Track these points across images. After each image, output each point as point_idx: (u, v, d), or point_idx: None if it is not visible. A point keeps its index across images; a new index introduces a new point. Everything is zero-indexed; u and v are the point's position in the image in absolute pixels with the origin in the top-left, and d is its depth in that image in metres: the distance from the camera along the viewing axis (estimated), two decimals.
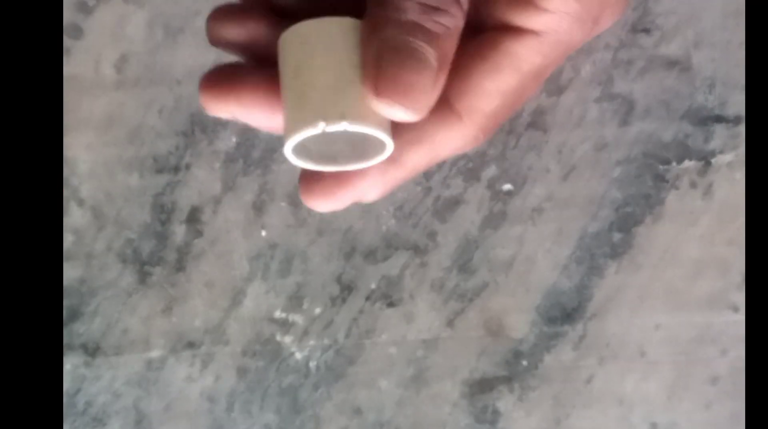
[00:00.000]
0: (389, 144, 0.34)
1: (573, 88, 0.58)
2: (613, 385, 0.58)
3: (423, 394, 0.58)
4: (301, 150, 0.35)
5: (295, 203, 0.58)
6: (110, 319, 0.58)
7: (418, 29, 0.33)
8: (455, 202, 0.58)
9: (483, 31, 0.36)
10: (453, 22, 0.33)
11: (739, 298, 0.58)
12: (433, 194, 0.58)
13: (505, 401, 0.58)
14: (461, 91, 0.36)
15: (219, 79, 0.36)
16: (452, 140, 0.36)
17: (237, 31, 0.37)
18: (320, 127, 0.32)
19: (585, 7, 0.36)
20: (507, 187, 0.58)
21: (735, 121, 0.58)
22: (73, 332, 0.58)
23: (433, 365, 0.58)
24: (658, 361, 0.58)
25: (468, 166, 0.58)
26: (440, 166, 0.58)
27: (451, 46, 0.34)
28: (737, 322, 0.58)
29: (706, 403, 0.58)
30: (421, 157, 0.36)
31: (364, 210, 0.58)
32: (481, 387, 0.58)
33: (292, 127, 0.33)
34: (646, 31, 0.58)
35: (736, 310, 0.58)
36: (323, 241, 0.58)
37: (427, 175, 0.58)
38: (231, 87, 0.36)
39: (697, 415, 0.58)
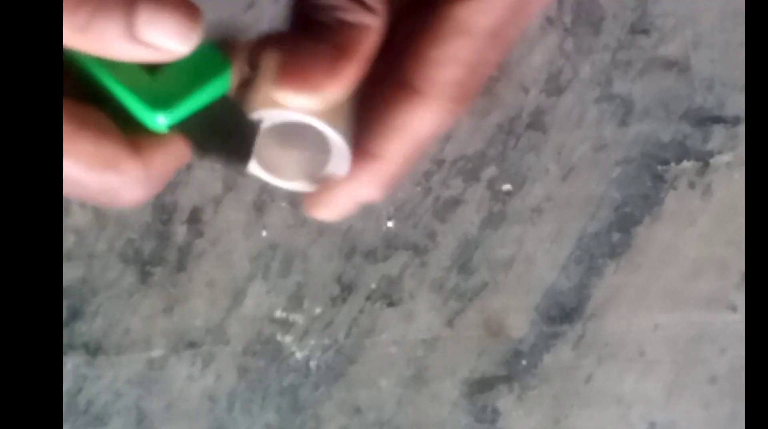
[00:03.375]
0: (318, 125, 0.35)
1: (572, 88, 0.58)
2: (612, 384, 0.58)
3: (423, 394, 0.58)
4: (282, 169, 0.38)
5: (296, 203, 0.58)
6: (111, 318, 0.58)
7: (311, 24, 0.35)
8: (455, 202, 0.58)
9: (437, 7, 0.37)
10: (353, 17, 0.35)
11: (738, 297, 0.58)
12: (433, 194, 0.58)
13: (504, 400, 0.58)
14: (416, 68, 0.36)
15: None
16: (423, 119, 0.36)
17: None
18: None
19: None
20: (506, 187, 0.58)
21: (733, 121, 0.58)
22: (75, 332, 0.58)
23: (432, 365, 0.58)
24: (657, 361, 0.58)
25: (468, 166, 0.58)
26: (440, 166, 0.58)
27: (351, 37, 0.35)
28: (736, 321, 0.58)
29: (705, 402, 0.58)
30: (402, 145, 0.37)
31: (364, 210, 0.58)
32: (480, 386, 0.58)
33: None
34: (645, 32, 0.58)
35: (734, 309, 0.58)
36: (323, 241, 0.58)
37: (427, 175, 0.58)
38: None
39: (696, 414, 0.58)
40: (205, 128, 0.34)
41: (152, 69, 0.33)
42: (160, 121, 0.32)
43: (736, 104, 0.58)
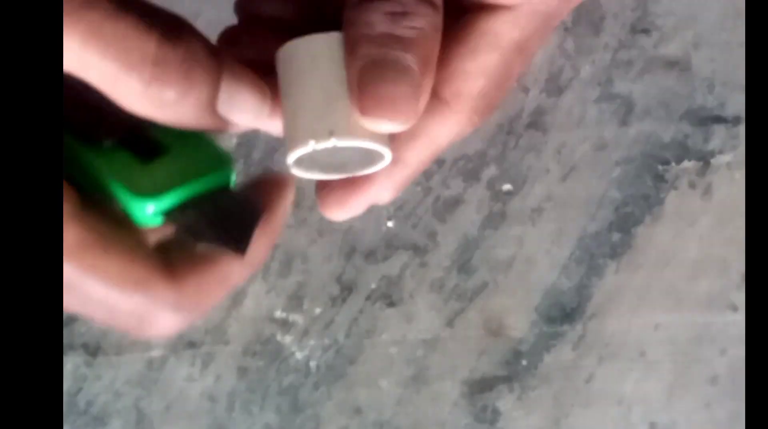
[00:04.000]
0: (385, 153, 0.34)
1: (572, 88, 0.58)
2: (612, 384, 0.58)
3: (423, 394, 0.58)
4: (308, 161, 0.35)
5: (296, 203, 0.58)
6: None
7: (391, 39, 0.32)
8: (455, 202, 0.58)
9: (463, 15, 0.36)
10: (425, 21, 0.33)
11: (738, 297, 0.58)
12: (433, 194, 0.58)
13: (504, 401, 0.58)
14: (444, 78, 0.35)
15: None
16: (447, 128, 0.36)
17: (247, 52, 0.37)
18: (311, 146, 0.33)
19: None
20: (507, 187, 0.58)
21: (734, 121, 0.58)
22: (74, 332, 0.58)
23: (433, 365, 0.58)
24: (658, 361, 0.58)
25: (468, 166, 0.58)
26: (440, 166, 0.58)
27: (430, 45, 0.33)
28: (736, 321, 0.58)
29: (706, 402, 0.58)
30: (422, 152, 0.36)
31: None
32: (480, 386, 0.58)
33: (289, 145, 0.34)
34: (646, 31, 0.58)
35: (735, 309, 0.58)
36: (323, 241, 0.58)
37: (427, 175, 0.58)
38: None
39: (697, 414, 0.58)
40: (202, 217, 0.32)
41: (146, 158, 0.32)
42: (148, 209, 0.31)
43: (737, 104, 0.58)
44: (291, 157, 0.34)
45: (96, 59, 0.28)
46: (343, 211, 0.38)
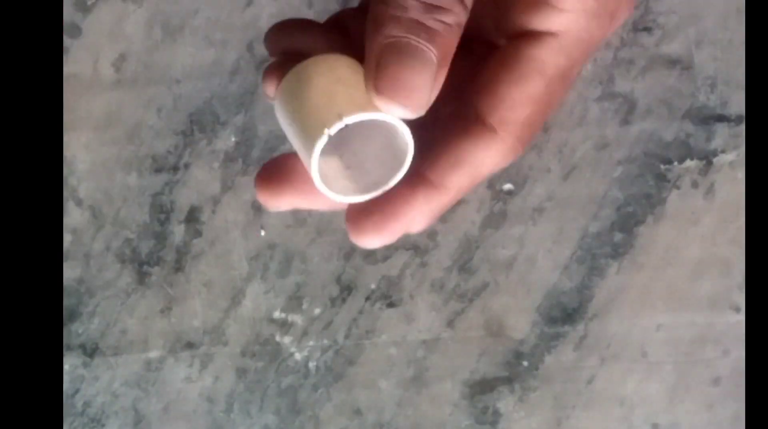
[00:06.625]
0: (399, 126, 0.34)
1: (574, 87, 0.58)
2: (614, 385, 0.58)
3: (423, 395, 0.58)
4: (333, 175, 0.35)
5: None
6: (109, 319, 0.58)
7: (419, 27, 0.33)
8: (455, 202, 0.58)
9: (505, 40, 0.36)
10: (455, 19, 0.33)
11: (741, 298, 0.58)
12: None
13: (505, 402, 0.58)
14: (491, 105, 0.35)
15: (272, 174, 0.37)
16: (491, 156, 0.36)
17: (298, 40, 0.37)
18: (325, 133, 0.32)
19: (600, 2, 0.36)
20: (507, 186, 0.58)
21: (737, 120, 0.57)
22: (72, 332, 0.58)
23: (433, 366, 0.58)
24: (660, 362, 0.58)
25: None
26: None
27: (452, 43, 0.34)
28: (739, 322, 0.58)
29: (708, 403, 0.58)
30: (464, 179, 0.36)
31: None
32: (481, 387, 0.58)
33: (305, 154, 0.33)
34: (648, 30, 0.58)
35: (737, 310, 0.58)
36: (323, 241, 0.58)
37: None
38: (286, 179, 0.36)
39: (699, 415, 0.58)
40: None
41: None
42: None
43: (739, 103, 0.57)
44: (314, 157, 0.33)
45: None
46: (378, 239, 0.37)
